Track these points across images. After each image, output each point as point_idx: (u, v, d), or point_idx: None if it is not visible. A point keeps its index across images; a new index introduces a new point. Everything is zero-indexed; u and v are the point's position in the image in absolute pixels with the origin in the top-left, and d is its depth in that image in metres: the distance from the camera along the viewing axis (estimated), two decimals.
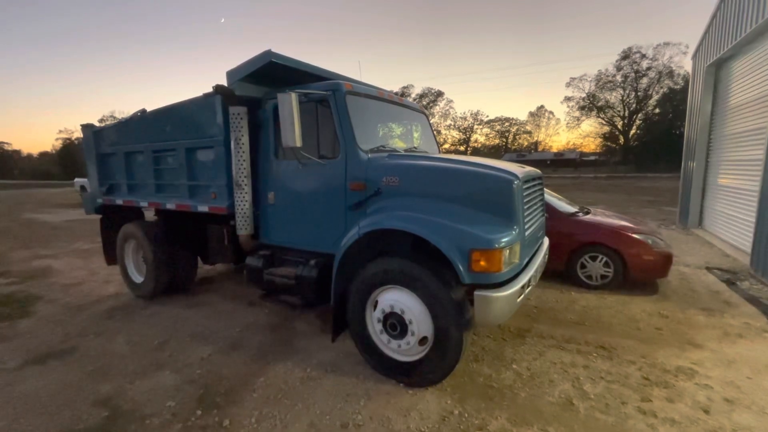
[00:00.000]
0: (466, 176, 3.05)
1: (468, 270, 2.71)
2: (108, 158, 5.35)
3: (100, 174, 5.46)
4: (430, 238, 2.79)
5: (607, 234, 5.11)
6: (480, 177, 3.01)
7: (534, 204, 3.50)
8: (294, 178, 3.72)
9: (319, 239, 3.60)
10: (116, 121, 5.23)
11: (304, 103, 3.43)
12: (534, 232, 3.42)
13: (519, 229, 2.94)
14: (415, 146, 4.38)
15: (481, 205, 2.94)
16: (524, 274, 3.06)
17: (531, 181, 3.44)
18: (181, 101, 4.30)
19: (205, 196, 4.22)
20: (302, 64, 3.79)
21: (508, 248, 2.76)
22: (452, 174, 3.10)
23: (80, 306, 4.96)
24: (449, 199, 3.02)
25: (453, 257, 2.72)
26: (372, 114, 3.87)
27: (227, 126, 3.77)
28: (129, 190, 5.13)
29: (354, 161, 3.34)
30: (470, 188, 3.00)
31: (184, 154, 4.29)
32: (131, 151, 4.97)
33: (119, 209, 5.46)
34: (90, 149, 5.47)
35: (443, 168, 3.19)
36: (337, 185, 3.41)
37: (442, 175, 3.12)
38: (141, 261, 5.17)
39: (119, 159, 5.13)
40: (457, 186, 3.04)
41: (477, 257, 2.68)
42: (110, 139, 5.27)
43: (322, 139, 3.48)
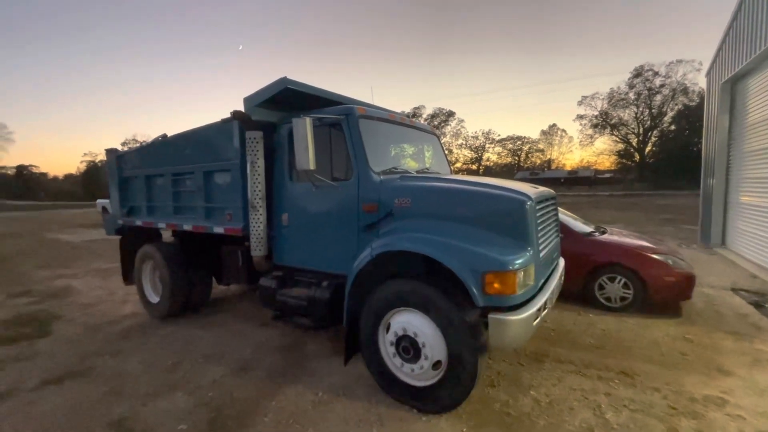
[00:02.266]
0: (478, 197, 3.05)
1: (482, 292, 2.68)
2: (129, 181, 5.54)
3: (121, 196, 5.65)
4: (443, 259, 2.78)
5: (625, 254, 5.00)
6: (492, 198, 3.01)
7: (548, 224, 3.47)
8: (308, 200, 3.77)
9: (332, 260, 3.62)
10: (138, 145, 5.45)
11: (318, 127, 3.51)
12: (549, 253, 3.37)
13: (533, 251, 2.91)
14: (427, 167, 4.41)
15: (494, 227, 2.93)
16: (540, 296, 3.00)
17: (544, 201, 3.42)
18: (200, 126, 4.46)
19: (221, 218, 4.31)
20: (316, 90, 3.91)
21: (522, 270, 2.72)
22: (464, 195, 3.10)
23: (98, 326, 5.05)
24: (462, 221, 3.01)
25: (466, 279, 2.69)
26: (384, 136, 3.93)
27: (243, 150, 3.88)
28: (148, 211, 5.28)
29: (367, 183, 3.39)
30: (482, 209, 2.99)
31: (202, 176, 4.42)
32: (152, 174, 5.14)
33: (138, 230, 5.61)
34: (113, 173, 5.69)
35: (455, 189, 3.20)
36: (350, 207, 3.45)
37: (454, 197, 3.13)
38: (157, 281, 5.26)
39: (140, 182, 5.31)
40: (469, 207, 3.04)
41: (491, 279, 2.65)
42: (132, 163, 5.47)
43: (336, 161, 3.55)
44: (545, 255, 3.22)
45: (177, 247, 5.11)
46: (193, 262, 5.04)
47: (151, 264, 5.32)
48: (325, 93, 3.99)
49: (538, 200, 3.19)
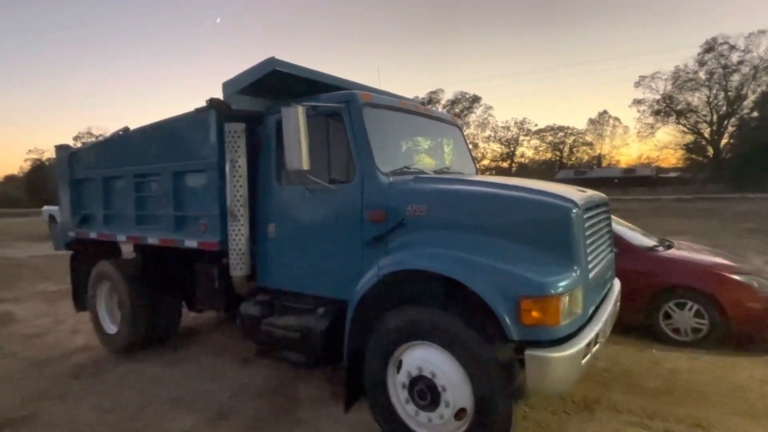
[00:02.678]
0: (511, 204, 3.05)
1: (517, 323, 2.65)
2: (83, 184, 5.64)
3: (73, 203, 5.75)
4: (468, 281, 2.77)
5: (697, 274, 4.95)
6: (529, 205, 3.00)
7: (599, 237, 3.45)
8: (300, 207, 3.80)
9: (330, 282, 3.62)
10: (94, 139, 5.56)
11: (312, 118, 3.55)
12: (600, 273, 3.35)
13: (581, 270, 2.89)
14: (447, 165, 4.43)
15: (532, 241, 2.92)
16: (590, 327, 2.98)
17: (594, 208, 3.41)
18: (170, 118, 4.53)
19: (194, 229, 4.35)
20: (310, 72, 3.95)
21: (567, 294, 2.70)
22: (494, 201, 3.10)
23: (43, 362, 5.10)
24: (491, 233, 3.01)
25: (497, 306, 2.68)
26: (394, 129, 3.96)
27: (222, 146, 3.94)
28: (105, 221, 5.36)
29: (372, 186, 3.41)
30: (517, 219, 2.99)
31: (171, 179, 4.48)
32: (110, 176, 5.23)
33: (93, 244, 5.68)
34: (63, 174, 5.79)
35: (482, 193, 3.20)
36: (352, 215, 3.47)
37: (482, 203, 3.13)
38: (116, 307, 5.31)
39: (96, 185, 5.40)
40: (500, 216, 3.04)
41: (528, 306, 2.63)
42: (87, 161, 5.57)
43: (334, 159, 3.58)
44: (596, 275, 3.20)
45: (140, 264, 5.16)
46: (159, 283, 5.08)
47: (108, 285, 5.38)
48: (321, 76, 4.03)
49: (587, 207, 3.18)
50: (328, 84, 4.06)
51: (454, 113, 59.78)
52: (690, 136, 49.34)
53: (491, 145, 64.96)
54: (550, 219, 2.93)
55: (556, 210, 2.94)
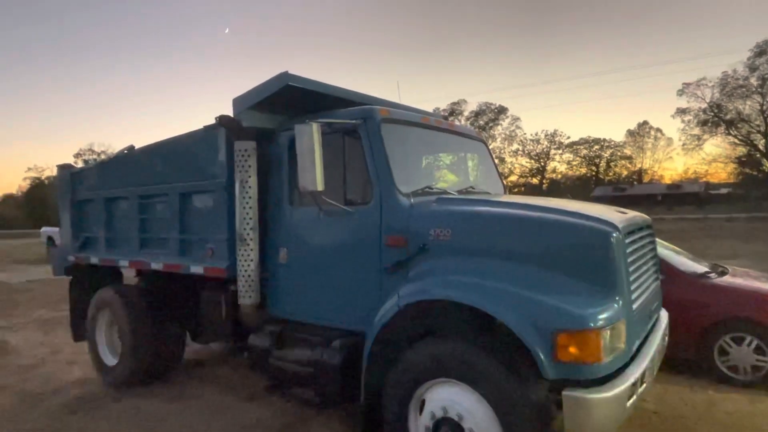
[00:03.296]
0: (544, 228, 3.04)
1: (552, 359, 2.62)
2: (85, 206, 5.82)
3: (74, 225, 5.92)
4: (498, 313, 2.75)
5: (756, 305, 4.83)
6: (564, 229, 3.00)
7: (643, 263, 3.41)
8: (313, 231, 3.84)
9: (346, 312, 3.64)
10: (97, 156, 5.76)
11: (327, 135, 3.61)
12: (645, 304, 3.30)
13: (623, 301, 2.86)
14: (472, 184, 4.45)
15: (568, 268, 2.90)
16: (635, 365, 2.93)
17: (636, 231, 3.38)
18: (177, 136, 4.68)
19: (201, 254, 4.43)
20: (325, 87, 4.05)
21: (608, 328, 2.67)
22: (525, 225, 3.10)
23: (37, 396, 5.18)
24: (522, 260, 3.01)
25: (530, 340, 2.65)
26: (415, 146, 4.00)
27: (231, 165, 4.04)
28: (107, 245, 5.50)
29: (392, 208, 3.44)
30: (551, 244, 2.98)
31: (177, 200, 4.60)
32: (113, 197, 5.39)
33: (94, 270, 5.82)
34: (65, 195, 5.99)
35: (512, 216, 3.20)
36: (370, 240, 3.50)
37: (511, 227, 3.14)
38: (116, 337, 5.40)
39: (98, 206, 5.56)
40: (532, 241, 3.04)
41: (565, 341, 2.60)
42: (90, 182, 5.76)
43: (351, 180, 3.63)
44: (641, 306, 3.15)
45: (142, 292, 5.26)
46: (163, 312, 5.16)
47: (109, 314, 5.47)
48: (336, 90, 4.12)
49: (628, 230, 3.15)
50: (344, 99, 4.15)
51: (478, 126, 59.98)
52: (742, 148, 48.38)
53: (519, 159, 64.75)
54: (588, 244, 2.91)
55: (595, 234, 2.92)
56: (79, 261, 5.84)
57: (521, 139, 64.23)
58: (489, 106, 61.87)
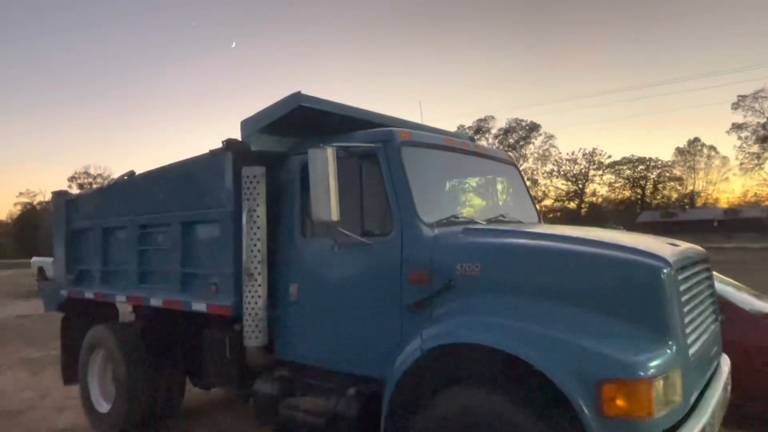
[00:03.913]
0: (585, 263, 3.01)
1: (598, 413, 2.55)
2: (81, 236, 5.95)
3: (69, 256, 6.05)
4: (534, 359, 2.70)
5: None
6: (608, 264, 2.96)
7: (699, 302, 3.34)
8: (327, 265, 3.85)
9: (363, 356, 3.61)
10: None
11: (343, 160, 3.66)
12: (704, 349, 3.21)
13: (677, 346, 2.79)
14: (503, 212, 4.43)
15: (613, 309, 2.85)
16: (693, 420, 2.83)
17: (691, 266, 3.32)
18: (181, 161, 4.79)
19: (203, 290, 4.47)
20: (340, 107, 4.12)
21: (661, 377, 2.60)
22: (563, 259, 3.07)
23: None
24: (561, 299, 2.96)
25: (572, 391, 2.59)
26: (438, 170, 4.02)
27: (239, 192, 4.11)
28: (103, 279, 5.58)
29: (413, 240, 3.44)
30: (593, 282, 2.94)
31: (180, 230, 4.67)
32: (111, 227, 5.50)
33: (88, 305, 5.90)
34: (59, 223, 6.14)
35: (548, 249, 3.18)
36: (390, 275, 3.49)
37: (548, 261, 3.10)
38: (110, 381, 5.43)
39: (95, 236, 5.68)
40: (572, 278, 3.00)
41: (611, 392, 2.54)
42: (87, 210, 5.90)
43: (368, 208, 3.65)
44: (698, 352, 3.07)
45: (140, 330, 5.30)
46: (161, 353, 5.18)
47: (102, 355, 5.52)
48: (352, 111, 4.19)
49: (681, 265, 3.10)
50: (361, 120, 4.20)
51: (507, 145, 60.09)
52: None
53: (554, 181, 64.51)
54: (635, 282, 2.86)
55: (643, 270, 2.87)
56: (72, 295, 5.94)
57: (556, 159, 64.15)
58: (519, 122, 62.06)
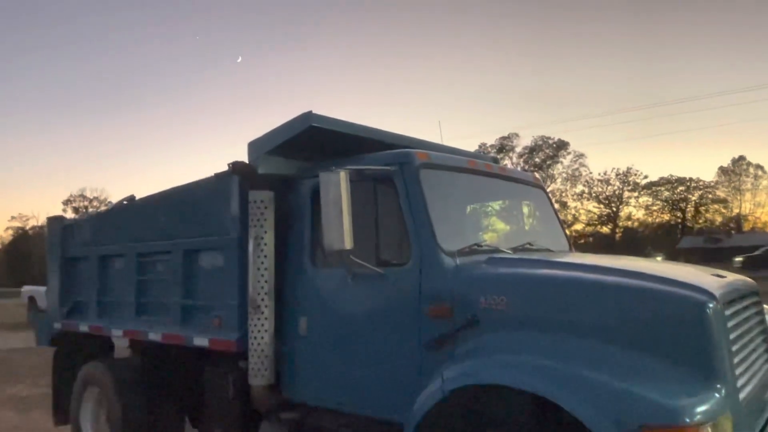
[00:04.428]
0: (622, 296, 2.99)
1: None
2: (77, 264, 6.04)
3: (63, 286, 6.14)
4: (567, 403, 2.67)
5: None
6: (647, 297, 2.94)
7: (750, 341, 3.31)
8: (339, 297, 3.87)
9: (378, 397, 3.59)
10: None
11: (356, 184, 3.69)
12: (756, 393, 3.16)
13: (726, 389, 2.75)
14: (530, 240, 4.42)
15: (653, 347, 2.82)
16: None
17: (739, 300, 3.29)
18: (184, 184, 4.87)
19: (206, 323, 4.50)
20: (354, 127, 4.18)
21: (709, 424, 2.54)
22: (597, 292, 3.06)
23: None
24: (595, 336, 2.94)
25: None
26: (459, 195, 4.05)
27: (245, 219, 4.15)
28: (99, 311, 5.64)
29: (433, 270, 3.44)
30: (631, 317, 2.91)
31: (181, 258, 4.72)
32: (109, 254, 5.59)
33: (83, 339, 5.95)
34: (54, 251, 6.25)
35: (582, 281, 3.17)
36: (407, 309, 3.49)
37: (581, 294, 3.09)
38: (103, 420, 5.44)
39: (91, 265, 5.76)
40: (607, 313, 2.98)
41: None
42: (84, 236, 6.00)
43: (384, 236, 3.66)
44: (750, 396, 3.02)
45: (137, 367, 5.33)
46: (159, 391, 5.19)
47: (97, 393, 5.54)
48: (366, 131, 4.25)
49: (729, 299, 3.08)
50: (376, 141, 4.26)
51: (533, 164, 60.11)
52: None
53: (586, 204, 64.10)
54: (678, 318, 2.83)
55: (686, 305, 2.85)
56: (66, 328, 6.00)
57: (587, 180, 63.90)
58: (546, 140, 62.11)
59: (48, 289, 6.35)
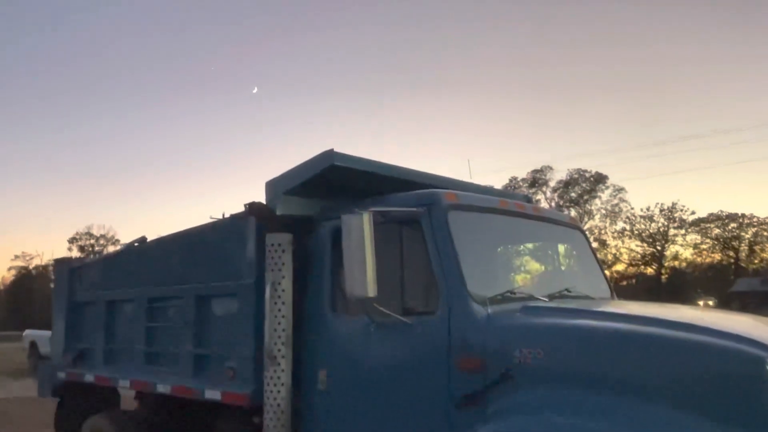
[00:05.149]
0: (670, 350, 2.93)
1: None
2: (84, 309, 6.13)
3: (69, 332, 6.21)
4: None
5: None
6: (699, 352, 2.88)
7: None
8: (362, 348, 3.86)
9: None
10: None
11: (380, 226, 3.71)
12: None
13: None
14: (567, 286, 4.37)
15: (707, 407, 2.75)
16: None
17: None
18: (198, 226, 4.95)
19: (218, 375, 4.49)
20: (377, 166, 4.23)
21: None
22: (644, 346, 3.01)
23: None
24: (641, 394, 2.88)
25: None
26: (491, 238, 4.04)
27: (261, 263, 4.19)
28: (106, 359, 5.69)
29: (463, 320, 3.42)
30: (680, 373, 2.86)
31: (194, 305, 4.76)
32: (118, 299, 5.66)
33: (88, 389, 5.98)
34: (61, 294, 6.36)
35: (626, 334, 3.12)
36: (436, 361, 3.46)
37: (625, 348, 3.05)
38: None
39: (99, 310, 5.84)
40: (654, 369, 2.92)
41: None
42: (92, 280, 6.11)
43: (410, 282, 3.67)
44: None
45: (144, 421, 5.32)
46: None
47: None
48: (391, 170, 4.30)
49: None
50: (401, 180, 4.29)
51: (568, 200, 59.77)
52: None
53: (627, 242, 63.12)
54: (733, 375, 2.76)
55: (742, 361, 2.77)
56: (70, 378, 6.04)
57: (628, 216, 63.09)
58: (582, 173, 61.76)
59: (53, 334, 6.44)
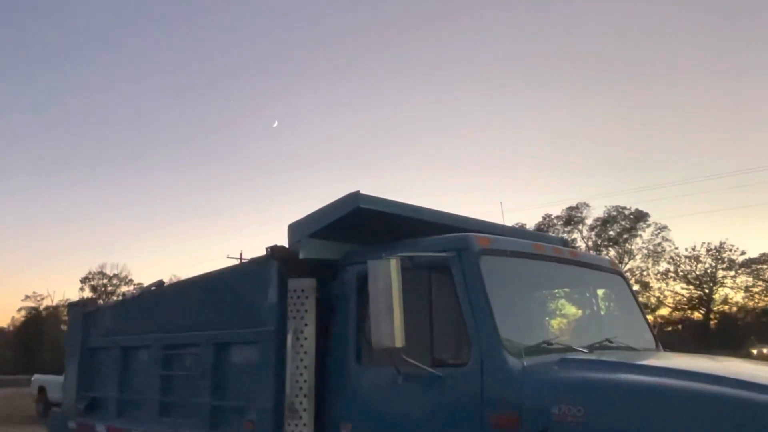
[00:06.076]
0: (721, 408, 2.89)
1: None
2: (98, 355, 6.21)
3: (81, 379, 6.29)
4: None
5: None
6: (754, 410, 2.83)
7: None
8: (388, 401, 3.84)
9: None
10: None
11: (408, 271, 3.74)
12: None
13: None
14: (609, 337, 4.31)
15: None
16: None
17: None
18: (217, 270, 5.04)
19: (237, 427, 4.50)
20: (405, 208, 4.28)
21: None
22: (694, 403, 2.98)
23: None
24: None
25: None
26: (526, 284, 4.04)
27: (283, 309, 4.24)
28: (119, 409, 5.74)
29: (496, 372, 3.41)
30: None
31: (211, 352, 4.81)
32: (132, 346, 5.73)
33: None
34: (74, 340, 6.45)
35: (674, 390, 3.07)
36: (467, 417, 3.44)
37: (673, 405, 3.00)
38: None
39: (113, 357, 5.92)
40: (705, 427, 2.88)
41: None
42: (106, 325, 6.20)
43: (440, 332, 3.67)
44: None
45: None
46: None
47: None
48: (419, 212, 4.34)
49: None
50: (430, 223, 4.34)
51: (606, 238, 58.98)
52: None
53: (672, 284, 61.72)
54: None
55: None
56: (81, 428, 6.08)
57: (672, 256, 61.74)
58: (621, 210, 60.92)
59: (65, 381, 6.51)
